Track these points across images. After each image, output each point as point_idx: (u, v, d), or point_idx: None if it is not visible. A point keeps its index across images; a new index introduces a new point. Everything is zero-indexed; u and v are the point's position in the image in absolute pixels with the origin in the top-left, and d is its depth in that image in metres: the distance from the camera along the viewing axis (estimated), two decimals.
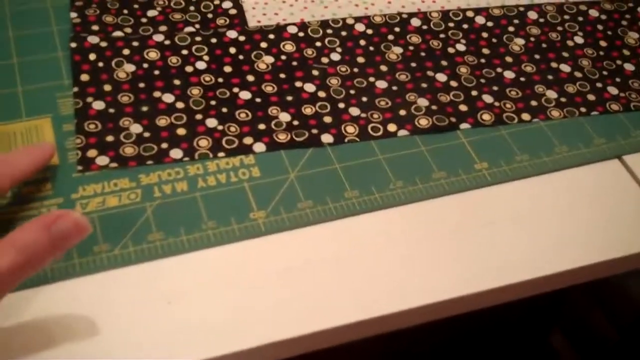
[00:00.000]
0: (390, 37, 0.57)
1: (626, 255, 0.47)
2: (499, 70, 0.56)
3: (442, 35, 0.58)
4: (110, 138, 0.48)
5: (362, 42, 0.56)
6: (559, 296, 0.92)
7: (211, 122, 0.50)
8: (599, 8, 0.62)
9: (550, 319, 0.94)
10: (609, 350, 0.89)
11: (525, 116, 0.53)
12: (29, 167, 0.43)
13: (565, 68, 0.57)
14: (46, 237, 0.37)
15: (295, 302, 0.42)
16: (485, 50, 0.57)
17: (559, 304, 0.93)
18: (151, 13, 0.56)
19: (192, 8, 0.57)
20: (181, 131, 0.49)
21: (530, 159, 0.50)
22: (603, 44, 0.59)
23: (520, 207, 0.48)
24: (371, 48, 0.56)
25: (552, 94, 0.55)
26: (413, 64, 0.55)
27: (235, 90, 0.52)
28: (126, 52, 0.53)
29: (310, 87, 0.53)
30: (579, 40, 0.59)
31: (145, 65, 0.53)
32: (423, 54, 0.56)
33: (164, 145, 0.48)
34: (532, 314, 0.94)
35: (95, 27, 0.55)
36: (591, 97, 0.55)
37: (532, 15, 0.60)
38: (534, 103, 0.54)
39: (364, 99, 0.53)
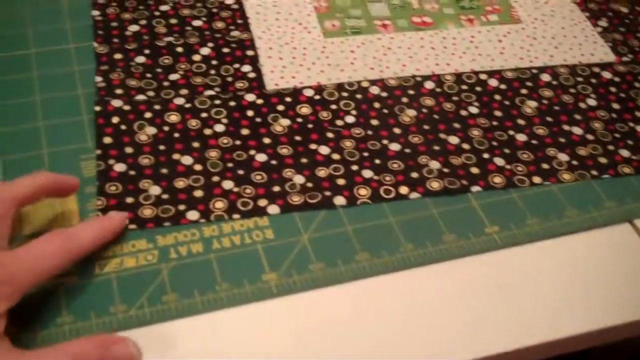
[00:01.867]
0: (404, 99, 0.59)
1: (636, 320, 0.47)
2: (511, 132, 0.57)
3: (455, 98, 0.59)
4: (130, 200, 0.50)
5: (377, 105, 0.58)
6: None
7: (227, 184, 0.51)
8: (612, 70, 0.63)
9: None
10: None
11: (537, 179, 0.54)
12: (93, 243, 0.45)
13: (577, 131, 0.58)
14: (100, 352, 0.40)
15: None
16: (498, 113, 0.58)
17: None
18: (173, 77, 0.58)
19: (212, 72, 0.59)
20: (198, 193, 0.51)
21: (541, 223, 0.51)
22: (616, 106, 0.60)
23: (530, 271, 0.49)
24: (385, 110, 0.57)
25: (563, 157, 0.55)
26: (426, 127, 0.57)
27: (252, 152, 0.54)
28: (148, 115, 0.55)
29: (324, 150, 0.54)
30: (592, 102, 0.60)
31: (166, 128, 0.54)
32: (436, 116, 0.57)
33: (181, 207, 0.50)
34: None
35: (119, 91, 0.57)
36: (603, 160, 0.56)
37: (545, 77, 0.61)
38: (545, 166, 0.55)
39: (377, 161, 0.54)
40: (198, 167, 0.52)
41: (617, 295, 0.48)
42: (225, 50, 0.61)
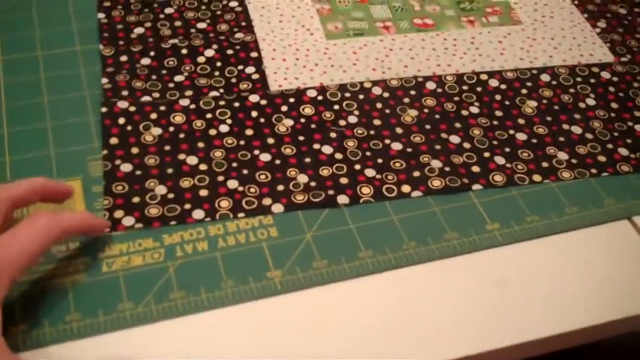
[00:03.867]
0: (406, 99, 0.59)
1: (634, 315, 0.48)
2: (511, 132, 0.58)
3: (456, 98, 0.60)
4: (136, 199, 0.51)
5: (379, 105, 0.59)
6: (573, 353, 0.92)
7: (232, 184, 0.52)
8: (611, 70, 0.64)
9: None
10: None
11: (537, 177, 0.55)
12: (76, 226, 0.46)
13: (576, 130, 0.58)
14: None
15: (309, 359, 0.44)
16: (498, 113, 0.59)
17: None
18: (178, 78, 0.59)
19: (217, 73, 0.60)
20: (203, 192, 0.51)
21: (541, 220, 0.52)
22: (614, 105, 0.61)
23: (530, 267, 0.49)
24: (387, 111, 0.58)
25: (563, 156, 0.56)
26: (427, 126, 0.57)
27: (256, 152, 0.54)
28: (154, 116, 0.56)
29: (327, 149, 0.55)
30: (591, 102, 0.61)
31: (171, 129, 0.55)
32: (437, 116, 0.58)
33: (187, 206, 0.51)
34: None
35: (124, 92, 0.58)
36: (602, 158, 0.56)
37: (545, 77, 0.62)
38: (545, 164, 0.55)
39: (379, 160, 0.55)
40: (203, 166, 0.53)
41: (616, 291, 0.49)
42: (229, 52, 0.62)
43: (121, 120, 0.56)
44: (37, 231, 0.43)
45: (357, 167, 0.54)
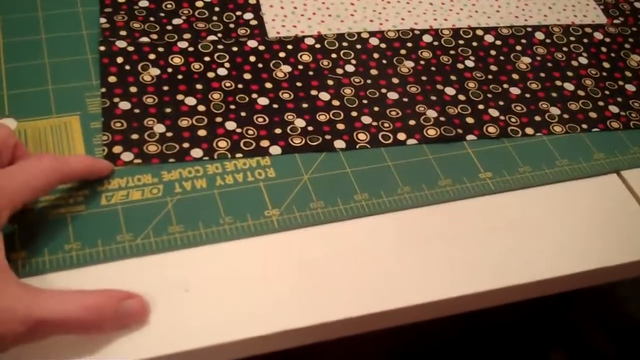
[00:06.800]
0: (403, 51, 0.60)
1: (618, 264, 0.49)
2: (505, 86, 0.58)
3: (452, 52, 0.60)
4: (135, 136, 0.51)
5: (376, 55, 0.59)
6: (561, 316, 0.94)
7: (230, 125, 0.53)
8: (604, 31, 0.65)
9: (553, 338, 0.96)
10: None
11: (529, 130, 0.56)
12: (81, 170, 0.47)
13: (569, 86, 0.59)
14: (114, 306, 0.40)
15: (303, 295, 0.45)
16: (493, 67, 0.60)
17: (560, 324, 0.95)
18: (176, 21, 0.59)
19: (215, 18, 0.60)
20: (202, 132, 0.52)
21: (532, 171, 0.53)
22: (606, 65, 0.62)
23: (520, 216, 0.51)
24: (384, 61, 0.59)
25: (555, 111, 0.57)
26: (423, 78, 0.58)
27: (254, 96, 0.55)
28: (152, 56, 0.56)
29: (325, 96, 0.56)
30: (584, 60, 0.62)
31: (170, 70, 0.55)
32: (433, 68, 0.59)
33: (186, 145, 0.51)
34: (535, 333, 0.96)
35: (123, 33, 0.58)
36: (593, 114, 0.58)
37: (539, 35, 0.63)
38: (537, 118, 0.56)
39: (376, 108, 0.55)
40: (201, 107, 0.53)
41: (602, 241, 0.50)
42: None
43: (119, 60, 0.56)
44: (43, 169, 0.43)
45: (354, 114, 0.55)
